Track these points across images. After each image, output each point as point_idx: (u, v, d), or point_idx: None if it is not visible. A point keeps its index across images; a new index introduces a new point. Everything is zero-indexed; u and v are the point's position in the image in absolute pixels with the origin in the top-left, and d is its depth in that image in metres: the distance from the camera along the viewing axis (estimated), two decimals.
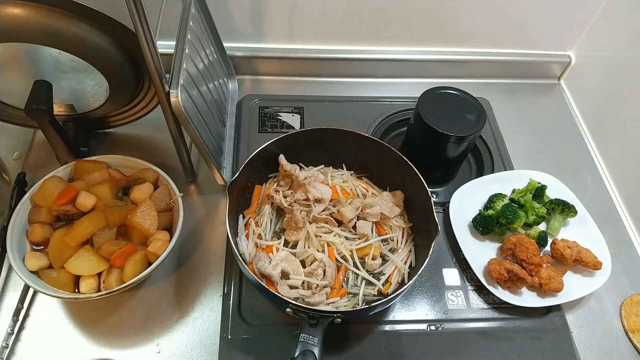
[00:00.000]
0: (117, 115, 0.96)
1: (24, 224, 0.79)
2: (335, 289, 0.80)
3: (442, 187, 1.00)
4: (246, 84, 1.15)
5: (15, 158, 0.97)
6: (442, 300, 0.86)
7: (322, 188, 0.88)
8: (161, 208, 0.83)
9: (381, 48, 1.16)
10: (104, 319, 0.79)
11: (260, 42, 1.11)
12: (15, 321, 0.76)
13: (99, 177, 0.84)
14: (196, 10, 0.89)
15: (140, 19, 0.63)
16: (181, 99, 0.74)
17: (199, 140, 0.80)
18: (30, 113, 0.80)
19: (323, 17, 1.07)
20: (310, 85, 1.17)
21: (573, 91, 1.23)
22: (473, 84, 1.21)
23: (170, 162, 0.92)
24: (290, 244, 0.85)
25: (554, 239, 0.90)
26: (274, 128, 1.06)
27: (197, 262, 0.86)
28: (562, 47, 1.21)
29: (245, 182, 0.88)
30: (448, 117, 0.89)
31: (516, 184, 0.98)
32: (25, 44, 0.76)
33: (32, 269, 0.75)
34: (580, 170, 1.09)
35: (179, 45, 0.79)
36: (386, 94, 1.17)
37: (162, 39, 0.70)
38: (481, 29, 1.13)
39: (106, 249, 0.76)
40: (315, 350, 0.66)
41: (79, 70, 0.82)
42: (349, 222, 0.86)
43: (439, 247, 0.92)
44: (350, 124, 0.98)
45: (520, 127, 1.14)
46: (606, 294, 0.89)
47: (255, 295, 0.82)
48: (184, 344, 0.78)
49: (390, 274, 0.83)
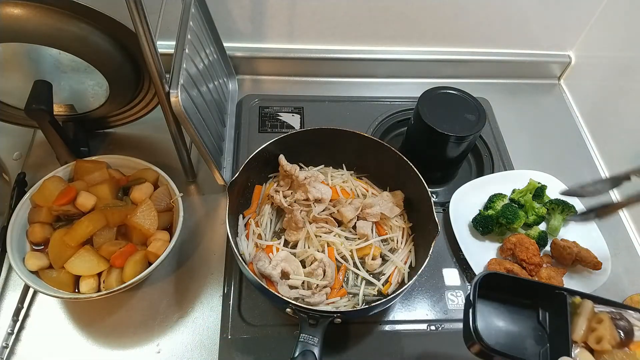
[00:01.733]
0: (117, 115, 0.96)
1: (24, 224, 0.79)
2: (335, 289, 0.80)
3: (442, 187, 1.00)
4: (246, 84, 1.15)
5: (15, 158, 0.97)
6: (442, 300, 0.86)
7: (322, 188, 0.88)
8: (161, 208, 0.83)
9: (381, 48, 1.16)
10: (104, 319, 0.79)
11: (260, 42, 1.11)
12: (15, 321, 0.76)
13: (99, 177, 0.84)
14: (196, 10, 0.89)
15: (140, 19, 0.63)
16: (181, 99, 0.74)
17: (199, 140, 0.80)
18: (30, 113, 0.80)
19: (323, 17, 1.07)
20: (310, 85, 1.17)
21: (573, 91, 1.23)
22: (473, 84, 1.21)
23: (170, 162, 0.92)
24: (290, 244, 0.85)
25: (554, 239, 0.90)
26: (274, 128, 1.06)
27: (197, 262, 0.86)
28: (562, 47, 1.21)
29: (245, 182, 0.88)
30: (448, 117, 0.89)
31: (516, 184, 0.98)
32: (25, 44, 0.76)
33: (32, 269, 0.75)
34: (580, 170, 1.09)
35: (179, 45, 0.79)
36: (386, 94, 1.17)
37: (162, 39, 0.70)
38: (481, 29, 1.13)
39: (106, 249, 0.76)
40: (315, 350, 0.66)
41: (79, 70, 0.82)
42: (349, 222, 0.86)
43: (439, 247, 0.92)
44: (350, 124, 0.98)
45: (520, 127, 1.14)
46: (606, 294, 0.89)
47: (255, 295, 0.82)
48: (184, 344, 0.78)
49: (390, 274, 0.83)
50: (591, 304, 0.59)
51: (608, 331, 0.56)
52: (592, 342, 0.56)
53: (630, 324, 0.58)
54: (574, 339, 0.56)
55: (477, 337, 0.55)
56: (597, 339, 0.56)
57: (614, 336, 0.56)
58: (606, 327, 0.56)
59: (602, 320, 0.57)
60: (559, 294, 0.59)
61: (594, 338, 0.56)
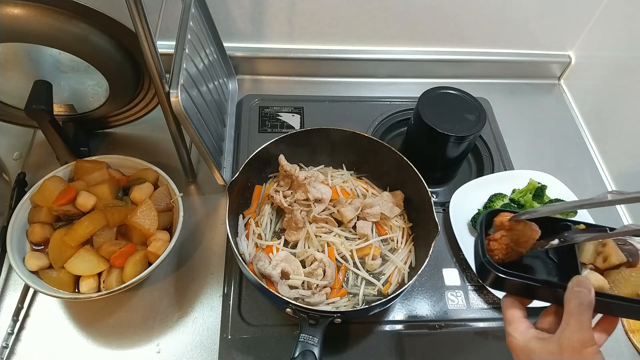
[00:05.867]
0: (117, 115, 0.96)
1: (24, 224, 0.79)
2: (335, 289, 0.80)
3: (442, 187, 1.01)
4: (246, 84, 1.15)
5: (15, 158, 0.97)
6: (442, 300, 0.86)
7: (322, 188, 0.88)
8: (161, 208, 0.83)
9: (381, 48, 1.16)
10: (104, 319, 0.79)
11: (260, 42, 1.11)
12: (15, 321, 0.76)
13: (99, 177, 0.84)
14: (196, 10, 0.89)
15: (140, 19, 0.63)
16: (181, 99, 0.74)
17: (199, 140, 0.80)
18: (30, 113, 0.80)
19: (323, 17, 1.07)
20: (310, 85, 1.17)
21: (573, 91, 1.23)
22: (473, 84, 1.21)
23: (170, 162, 0.92)
24: (290, 244, 0.85)
25: None
26: (274, 128, 1.06)
27: (197, 262, 0.86)
28: (562, 47, 1.21)
29: (245, 182, 0.88)
30: (448, 117, 0.89)
31: (516, 184, 0.98)
32: (25, 44, 0.76)
33: (32, 269, 0.75)
34: (580, 170, 1.09)
35: (179, 45, 0.79)
36: (386, 94, 1.17)
37: (162, 39, 0.70)
38: (481, 29, 1.13)
39: (106, 249, 0.76)
40: (315, 350, 0.66)
41: (79, 70, 0.82)
42: (349, 222, 0.86)
43: (439, 247, 0.92)
44: (350, 124, 0.98)
45: (520, 127, 1.14)
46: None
47: (255, 295, 0.82)
48: (184, 344, 0.78)
49: (390, 274, 0.83)
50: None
51: (613, 250, 0.58)
52: (599, 262, 0.58)
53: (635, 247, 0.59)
54: (582, 261, 0.58)
55: (490, 266, 0.57)
56: (604, 258, 0.58)
57: (619, 256, 0.58)
58: (611, 248, 0.58)
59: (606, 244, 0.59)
60: (565, 225, 0.62)
61: (601, 259, 0.58)
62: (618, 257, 0.57)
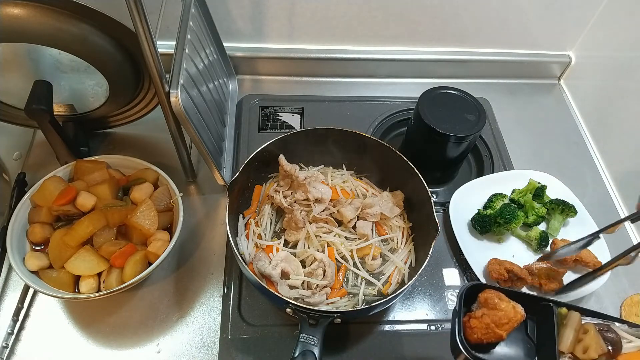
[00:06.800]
0: (117, 115, 0.96)
1: (24, 224, 0.79)
2: (335, 289, 0.80)
3: (442, 187, 1.01)
4: (246, 84, 1.15)
5: (15, 158, 0.97)
6: (442, 300, 0.86)
7: (322, 188, 0.88)
8: (161, 208, 0.83)
9: (381, 48, 1.16)
10: (104, 319, 0.79)
11: (260, 42, 1.11)
12: (15, 321, 0.76)
13: (99, 177, 0.84)
14: (196, 10, 0.89)
15: (140, 19, 0.63)
16: (181, 99, 0.74)
17: (199, 140, 0.80)
18: (30, 113, 0.80)
19: (323, 17, 1.07)
20: (310, 85, 1.17)
21: (573, 91, 1.23)
22: (473, 84, 1.21)
23: (170, 162, 0.92)
24: (290, 244, 0.85)
25: (554, 239, 0.90)
26: (274, 128, 1.06)
27: (197, 262, 0.86)
28: (562, 47, 1.21)
29: (245, 182, 0.88)
30: (448, 117, 0.89)
31: (516, 184, 0.98)
32: (25, 44, 0.76)
33: (32, 269, 0.75)
34: (580, 170, 1.09)
35: (179, 45, 0.79)
36: (386, 94, 1.17)
37: (162, 39, 0.70)
38: (481, 29, 1.13)
39: (106, 249, 0.76)
40: (315, 350, 0.66)
41: (79, 70, 0.82)
42: (349, 222, 0.86)
43: (439, 247, 0.92)
44: (350, 124, 0.98)
45: (520, 127, 1.14)
46: (606, 294, 0.89)
47: (255, 295, 0.82)
48: (184, 344, 0.78)
49: (390, 274, 0.83)
50: (578, 315, 0.59)
51: (594, 340, 0.56)
52: (579, 352, 0.56)
53: (617, 335, 0.58)
54: (561, 350, 0.56)
55: (463, 348, 0.55)
56: (583, 349, 0.56)
57: (600, 346, 0.56)
58: (592, 337, 0.56)
59: (587, 331, 0.57)
60: (546, 305, 0.59)
61: (581, 348, 0.56)
62: (598, 349, 0.55)
